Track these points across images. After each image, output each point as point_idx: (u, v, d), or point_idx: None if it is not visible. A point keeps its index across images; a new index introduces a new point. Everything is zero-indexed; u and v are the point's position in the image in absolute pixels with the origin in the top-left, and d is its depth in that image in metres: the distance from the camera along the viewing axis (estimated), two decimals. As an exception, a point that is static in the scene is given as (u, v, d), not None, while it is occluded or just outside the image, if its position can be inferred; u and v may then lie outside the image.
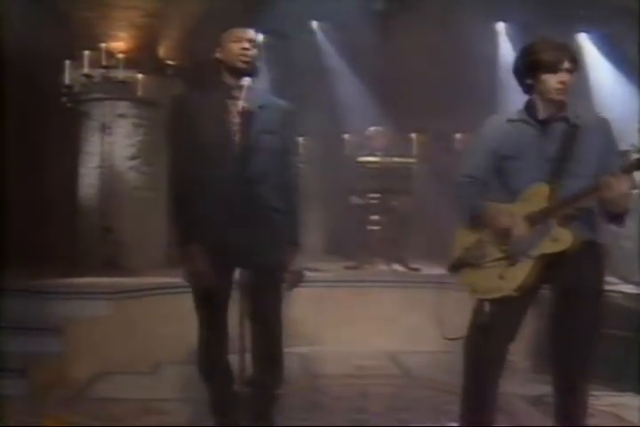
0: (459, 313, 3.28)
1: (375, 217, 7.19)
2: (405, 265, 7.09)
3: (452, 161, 7.01)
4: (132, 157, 6.85)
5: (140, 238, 6.70)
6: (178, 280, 5.74)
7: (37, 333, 4.83)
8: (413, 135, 7.30)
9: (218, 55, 3.13)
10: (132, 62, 6.51)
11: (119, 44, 6.57)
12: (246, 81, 3.02)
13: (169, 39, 7.01)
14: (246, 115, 2.96)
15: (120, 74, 6.35)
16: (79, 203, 6.84)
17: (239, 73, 3.09)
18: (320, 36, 8.56)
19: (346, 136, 7.57)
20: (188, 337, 5.17)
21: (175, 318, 5.23)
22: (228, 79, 3.13)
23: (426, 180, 7.26)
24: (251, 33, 3.13)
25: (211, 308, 3.13)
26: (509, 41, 8.28)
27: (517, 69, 3.12)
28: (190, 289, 4.83)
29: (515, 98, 7.85)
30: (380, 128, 7.57)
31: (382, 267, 7.20)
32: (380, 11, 8.17)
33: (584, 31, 8.09)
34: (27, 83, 6.62)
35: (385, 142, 7.44)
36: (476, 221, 3.06)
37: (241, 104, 2.96)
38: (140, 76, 6.52)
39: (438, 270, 6.55)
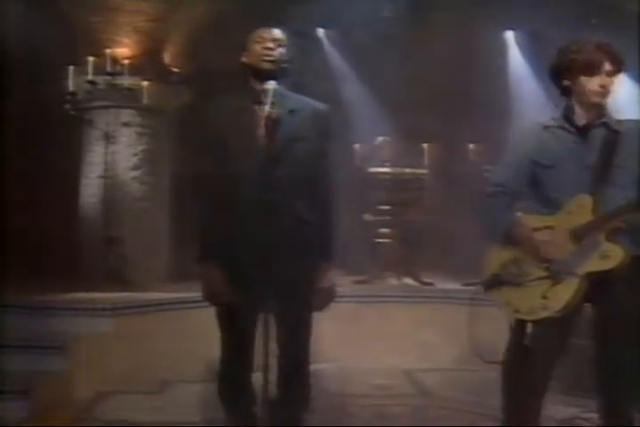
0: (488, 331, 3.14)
1: (386, 230, 6.98)
2: (418, 279, 6.89)
3: (466, 172, 7.10)
4: (135, 167, 6.69)
5: (144, 251, 6.55)
6: (183, 295, 5.76)
7: (38, 351, 4.67)
8: (425, 145, 7.10)
9: (244, 59, 2.97)
10: (137, 69, 6.37)
11: (124, 49, 6.42)
12: (271, 84, 2.78)
13: (174, 45, 6.85)
14: (273, 121, 2.71)
15: (125, 81, 6.21)
16: (81, 214, 6.69)
17: (264, 75, 2.90)
18: (327, 45, 8.38)
19: (356, 146, 7.38)
20: (196, 354, 5.09)
21: (182, 335, 5.24)
22: (255, 83, 2.95)
23: (439, 191, 7.06)
24: (275, 32, 2.98)
25: (234, 327, 2.94)
26: (519, 49, 8.27)
27: (553, 70, 2.95)
28: (197, 305, 4.46)
29: (526, 107, 7.83)
30: (388, 138, 7.39)
31: (393, 281, 6.99)
32: (388, 18, 7.99)
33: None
34: (29, 89, 6.48)
35: (393, 153, 7.27)
36: (511, 234, 2.88)
37: (266, 109, 2.72)
38: (145, 83, 6.38)
39: (452, 285, 6.59)
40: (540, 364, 2.87)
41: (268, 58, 2.89)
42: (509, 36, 8.29)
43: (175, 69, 6.81)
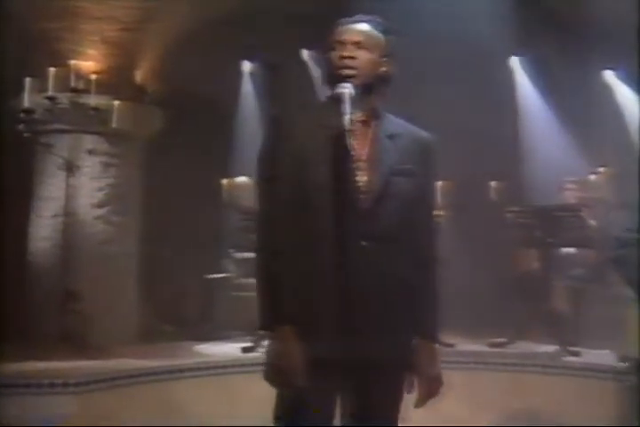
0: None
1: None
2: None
3: (487, 213, 6.37)
4: (100, 205, 6.04)
5: (109, 307, 5.82)
6: (160, 364, 5.13)
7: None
8: (438, 183, 6.25)
9: (328, 66, 2.40)
10: (104, 86, 5.60)
11: (89, 63, 5.66)
12: (346, 88, 2.20)
13: (149, 60, 6.15)
14: (347, 134, 2.14)
15: (92, 99, 5.45)
16: (31, 262, 5.95)
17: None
18: (313, 67, 7.63)
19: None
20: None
21: (162, 413, 4.66)
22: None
23: (455, 235, 6.25)
24: (356, 32, 2.33)
25: (307, 416, 2.27)
26: (526, 75, 7.98)
27: None
28: (176, 375, 4.55)
29: (537, 133, 7.27)
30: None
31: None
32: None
33: (610, 68, 7.68)
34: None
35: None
36: None
37: (347, 119, 2.13)
38: (116, 102, 5.62)
39: (476, 346, 5.96)
40: None
41: (345, 72, 2.28)
42: (515, 61, 7.99)
43: (149, 89, 6.18)
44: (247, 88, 7.52)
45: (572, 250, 6.06)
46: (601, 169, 6.17)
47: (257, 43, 6.87)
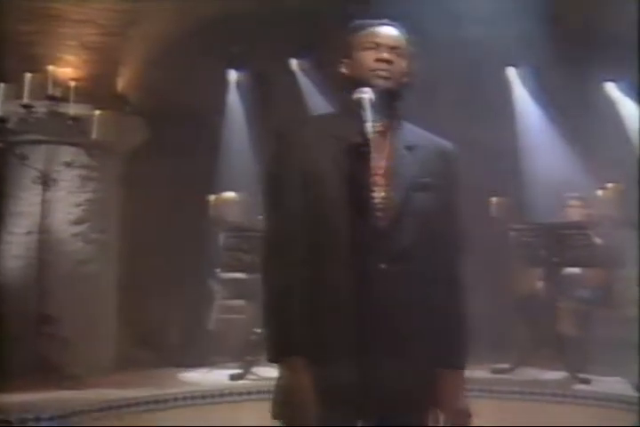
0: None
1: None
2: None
3: (489, 231, 6.13)
4: (78, 221, 5.73)
5: (87, 331, 5.50)
6: (145, 393, 4.78)
7: None
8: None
9: (343, 70, 2.27)
10: (83, 95, 5.27)
11: (67, 69, 5.35)
12: (366, 93, 2.09)
13: (130, 68, 5.86)
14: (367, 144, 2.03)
15: (70, 108, 5.13)
16: (2, 283, 5.56)
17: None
18: (301, 77, 7.42)
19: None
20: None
21: None
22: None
23: None
24: (394, 36, 2.24)
25: None
26: (524, 86, 7.83)
27: None
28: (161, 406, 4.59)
29: (536, 145, 7.11)
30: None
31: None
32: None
33: (611, 80, 7.56)
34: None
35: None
36: None
37: (369, 126, 2.02)
38: (97, 112, 5.32)
39: (478, 372, 5.53)
40: None
41: (381, 73, 2.19)
42: (515, 73, 7.85)
43: (131, 98, 5.88)
44: (233, 98, 7.27)
45: (577, 270, 5.86)
46: (608, 185, 5.95)
47: (243, 51, 6.67)
